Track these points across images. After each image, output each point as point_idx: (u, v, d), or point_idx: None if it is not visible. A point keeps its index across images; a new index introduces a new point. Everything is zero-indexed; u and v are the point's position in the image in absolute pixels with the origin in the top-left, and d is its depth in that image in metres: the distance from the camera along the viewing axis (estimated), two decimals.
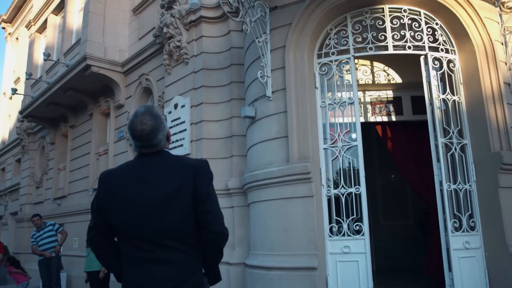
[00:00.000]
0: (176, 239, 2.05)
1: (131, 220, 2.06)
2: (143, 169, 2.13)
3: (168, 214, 2.03)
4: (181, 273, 2.03)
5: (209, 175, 2.17)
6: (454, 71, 6.37)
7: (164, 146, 2.20)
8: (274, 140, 6.19)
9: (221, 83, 7.71)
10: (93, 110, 11.42)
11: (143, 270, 2.03)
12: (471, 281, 5.66)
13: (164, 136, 2.18)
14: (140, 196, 2.06)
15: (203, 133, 7.56)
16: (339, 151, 6.06)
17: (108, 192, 2.14)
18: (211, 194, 2.12)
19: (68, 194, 12.36)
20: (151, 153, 2.16)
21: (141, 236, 2.05)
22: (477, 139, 6.11)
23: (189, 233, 2.08)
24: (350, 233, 5.83)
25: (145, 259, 2.04)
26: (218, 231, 2.08)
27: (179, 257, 2.05)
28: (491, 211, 5.82)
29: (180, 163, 2.17)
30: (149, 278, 2.02)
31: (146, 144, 2.14)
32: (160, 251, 2.03)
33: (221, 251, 2.14)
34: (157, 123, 2.14)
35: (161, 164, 2.14)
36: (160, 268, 2.02)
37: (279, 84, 6.28)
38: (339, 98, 6.22)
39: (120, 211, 2.08)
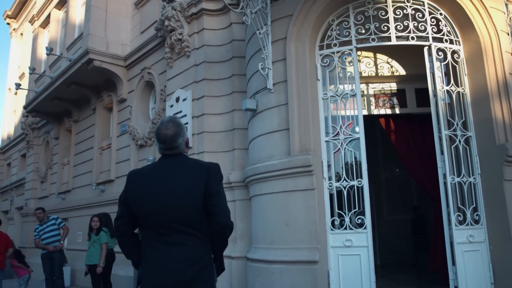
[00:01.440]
0: (190, 226, 2.41)
1: (153, 209, 2.42)
2: (165, 167, 2.54)
3: (183, 205, 2.41)
4: (193, 254, 2.39)
5: (219, 176, 2.55)
6: (459, 62, 6.26)
7: (183, 150, 2.59)
8: (275, 133, 6.12)
9: (222, 76, 7.64)
10: (96, 104, 11.41)
11: (161, 251, 2.40)
12: (475, 275, 5.59)
13: (184, 141, 2.59)
14: (161, 189, 2.45)
15: (205, 127, 7.51)
16: (341, 143, 5.98)
17: (135, 186, 2.54)
18: (220, 191, 2.48)
19: (72, 188, 12.38)
20: (172, 155, 2.56)
21: (160, 222, 2.41)
22: (482, 131, 6.01)
23: (200, 222, 2.43)
24: (352, 226, 5.77)
25: (163, 242, 2.40)
26: (224, 223, 2.43)
27: (191, 241, 2.40)
28: (496, 204, 5.73)
29: (195, 164, 2.56)
30: (166, 257, 2.38)
31: (168, 147, 2.54)
32: (176, 235, 2.40)
33: (226, 241, 2.52)
34: (178, 130, 2.56)
35: (180, 164, 2.54)
36: (176, 249, 2.38)
37: (280, 76, 6.20)
38: (341, 90, 6.14)
39: (143, 201, 2.46)
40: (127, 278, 8.58)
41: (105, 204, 10.21)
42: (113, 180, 10.31)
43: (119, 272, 8.83)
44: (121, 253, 7.65)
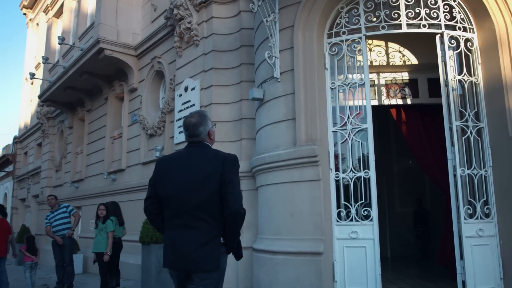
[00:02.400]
0: (204, 211, 2.64)
1: (174, 192, 2.69)
2: (188, 155, 2.79)
3: (200, 191, 2.64)
4: (203, 237, 2.62)
5: (234, 166, 2.74)
6: (472, 50, 6.06)
7: (204, 139, 2.84)
8: (282, 123, 6.05)
9: (231, 65, 7.58)
10: (108, 94, 11.48)
11: (176, 232, 2.69)
12: (484, 269, 5.45)
13: (206, 131, 2.83)
14: (182, 175, 2.71)
15: (213, 116, 7.46)
16: (349, 134, 5.87)
17: (161, 171, 2.82)
18: (234, 180, 2.66)
19: (85, 177, 12.53)
20: (195, 144, 2.82)
21: (179, 206, 2.68)
22: (495, 123, 5.83)
23: (214, 208, 2.64)
24: (358, 218, 5.68)
25: (179, 224, 2.68)
26: (235, 209, 2.61)
27: (203, 226, 2.64)
28: (508, 197, 5.56)
29: (214, 154, 2.78)
30: (179, 239, 2.67)
31: (190, 133, 2.82)
32: (191, 219, 2.65)
33: (237, 226, 2.68)
34: (201, 119, 2.84)
35: (201, 153, 2.77)
36: (188, 232, 2.64)
37: (287, 65, 6.11)
38: (350, 80, 6.01)
39: (166, 185, 2.74)
40: (136, 266, 8.64)
41: (116, 193, 10.31)
42: (124, 170, 10.38)
43: (128, 260, 8.93)
44: (129, 242, 7.70)
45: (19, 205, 20.60)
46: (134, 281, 8.31)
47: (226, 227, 2.66)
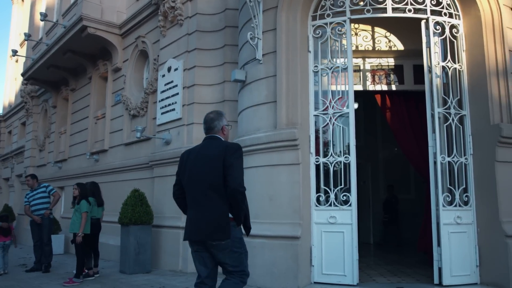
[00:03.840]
0: (213, 191, 3.13)
1: (190, 178, 3.25)
2: (202, 147, 3.34)
3: (209, 175, 3.14)
4: (212, 212, 3.11)
5: (236, 152, 3.17)
6: (457, 37, 6.00)
7: (217, 133, 3.35)
8: (263, 105, 5.96)
9: (214, 46, 7.45)
10: (92, 73, 11.26)
11: (193, 210, 3.23)
12: (460, 257, 5.47)
13: (220, 125, 3.36)
14: (196, 163, 3.25)
15: (195, 98, 7.37)
16: (330, 118, 5.80)
17: (181, 162, 3.40)
18: (233, 164, 3.11)
19: (69, 157, 12.37)
20: (209, 137, 3.35)
21: (194, 188, 3.23)
22: (477, 111, 5.80)
23: (221, 188, 3.11)
24: (337, 203, 5.65)
25: (194, 204, 3.23)
26: (233, 187, 3.05)
27: (213, 203, 3.12)
28: (486, 186, 5.57)
29: (221, 144, 3.26)
30: (195, 215, 3.21)
31: (207, 126, 3.39)
32: (203, 199, 3.16)
33: (237, 202, 3.09)
34: (217, 116, 3.41)
35: (213, 144, 3.28)
36: (202, 209, 3.15)
37: (270, 46, 6.00)
38: (333, 64, 5.92)
39: (185, 174, 3.30)
40: (116, 248, 8.57)
41: (99, 173, 10.19)
42: (107, 150, 10.25)
43: (109, 241, 8.87)
44: (111, 223, 7.58)
45: (3, 184, 20.38)
46: (114, 262, 8.26)
47: (231, 203, 3.11)
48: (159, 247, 7.52)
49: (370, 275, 6.26)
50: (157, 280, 6.39)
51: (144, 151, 8.67)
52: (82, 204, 6.40)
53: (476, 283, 5.48)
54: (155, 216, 7.44)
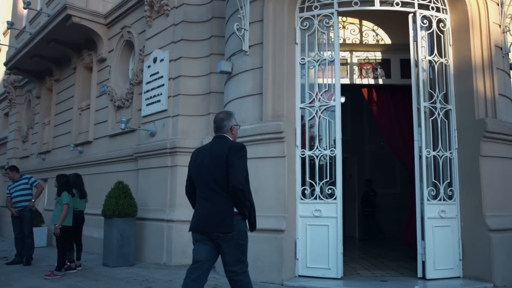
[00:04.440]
0: (219, 187, 3.29)
1: (198, 175, 3.43)
2: (210, 145, 3.50)
3: (215, 172, 3.30)
4: (218, 206, 3.29)
5: (238, 152, 3.32)
6: (444, 31, 6.00)
7: (226, 132, 3.50)
8: (249, 97, 5.90)
9: (201, 37, 7.37)
10: (77, 63, 11.05)
11: (201, 204, 3.41)
12: (444, 250, 5.50)
13: (229, 125, 3.50)
14: (204, 161, 3.39)
15: (181, 89, 7.29)
16: (316, 111, 5.76)
17: (192, 159, 3.54)
18: (235, 163, 3.27)
19: (52, 149, 12.17)
20: (218, 136, 3.50)
21: (202, 185, 3.40)
22: (462, 105, 5.82)
23: (226, 184, 3.26)
24: (323, 196, 5.63)
25: (203, 198, 3.39)
26: (233, 185, 3.23)
27: (219, 198, 3.29)
28: (471, 180, 5.60)
29: (227, 143, 3.39)
30: (202, 209, 3.39)
31: (217, 125, 3.53)
32: (211, 194, 3.33)
33: (238, 199, 3.25)
34: (227, 116, 3.56)
35: (219, 143, 3.43)
36: (209, 203, 3.33)
37: (256, 38, 5.93)
38: (319, 56, 5.88)
39: (194, 171, 3.48)
40: (100, 240, 8.46)
41: (83, 165, 10.05)
42: (91, 142, 10.11)
43: (93, 234, 8.76)
44: (95, 215, 7.45)
45: None
46: (97, 255, 8.15)
47: (232, 199, 3.27)
48: (143, 240, 7.45)
49: (355, 269, 6.27)
50: (140, 273, 6.32)
51: (128, 143, 8.56)
52: (63, 196, 6.29)
53: (459, 277, 5.52)
54: (139, 208, 7.36)
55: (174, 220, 6.99)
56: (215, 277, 5.93)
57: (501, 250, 5.36)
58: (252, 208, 3.46)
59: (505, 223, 5.52)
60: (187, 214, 6.89)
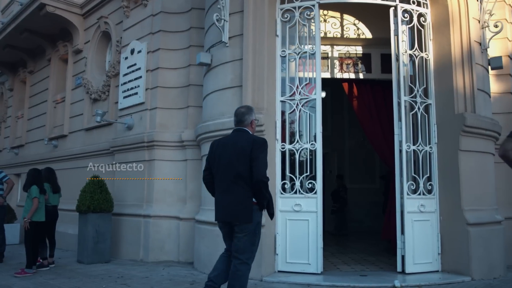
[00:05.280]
0: (240, 179, 3.51)
1: (219, 166, 3.64)
2: (231, 138, 3.72)
3: (237, 164, 3.52)
4: (238, 198, 3.53)
5: (261, 146, 3.57)
6: (425, 26, 5.99)
7: (246, 126, 3.73)
8: (228, 90, 5.79)
9: (180, 29, 7.22)
10: (52, 55, 10.73)
11: (221, 195, 3.66)
12: (423, 244, 5.51)
13: (249, 119, 3.74)
14: (225, 153, 3.62)
15: (159, 81, 7.13)
16: (297, 104, 5.68)
17: (212, 150, 3.79)
18: (259, 156, 3.50)
19: (26, 143, 11.82)
20: (238, 130, 3.73)
21: (222, 176, 3.62)
22: (442, 100, 5.83)
23: (247, 176, 3.49)
24: (303, 191, 5.56)
25: (223, 189, 3.62)
26: (258, 177, 3.46)
27: (239, 189, 3.53)
28: (450, 175, 5.61)
29: (250, 137, 3.63)
30: (222, 200, 3.64)
31: (237, 119, 3.77)
32: (231, 185, 3.55)
33: (260, 190, 3.50)
34: (248, 111, 3.80)
35: (240, 136, 3.66)
36: (229, 194, 3.57)
37: (236, 29, 5.81)
38: (300, 48, 5.79)
39: (215, 162, 3.69)
40: (75, 237, 8.25)
41: (58, 160, 9.77)
42: (66, 136, 9.82)
43: (68, 230, 8.52)
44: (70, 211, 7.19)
45: None
46: (72, 252, 7.92)
47: (254, 192, 3.50)
48: (119, 236, 7.27)
49: (334, 264, 6.24)
50: (116, 270, 6.16)
51: (105, 136, 8.34)
52: (32, 190, 6.07)
53: (437, 271, 5.54)
54: (116, 204, 7.17)
55: (151, 216, 6.84)
56: (193, 273, 5.82)
57: (479, 244, 5.39)
58: (270, 199, 3.69)
59: (482, 217, 5.56)
60: (165, 210, 6.88)
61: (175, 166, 6.90)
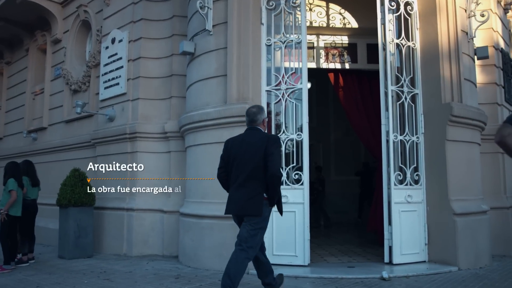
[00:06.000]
0: (253, 175, 3.67)
1: (235, 163, 3.78)
2: (245, 136, 3.90)
3: (251, 161, 3.69)
4: (250, 193, 3.68)
5: (275, 143, 3.78)
6: (412, 15, 5.92)
7: (259, 125, 3.91)
8: (213, 79, 5.65)
9: (162, 17, 7.04)
10: (30, 45, 10.42)
11: (235, 190, 3.79)
12: (410, 235, 5.48)
13: (261, 119, 3.91)
14: (240, 150, 3.79)
15: (141, 71, 6.95)
16: (283, 94, 5.57)
17: (226, 148, 3.95)
18: (273, 152, 3.67)
19: (4, 136, 11.51)
20: (251, 128, 3.90)
21: (237, 171, 3.77)
22: (429, 89, 5.78)
23: (260, 172, 3.66)
24: (289, 182, 5.47)
25: (238, 184, 3.75)
26: (273, 172, 3.62)
27: (252, 185, 3.68)
28: (437, 165, 5.59)
29: (263, 135, 3.85)
30: (235, 194, 3.79)
31: (250, 119, 3.93)
32: (245, 181, 3.70)
33: (274, 185, 3.67)
34: (259, 110, 3.96)
35: (254, 134, 3.84)
36: (241, 189, 3.72)
37: (221, 17, 5.67)
38: (286, 37, 5.67)
39: (230, 158, 3.84)
40: (56, 231, 8.06)
41: (37, 153, 9.50)
42: (46, 128, 9.56)
43: (49, 225, 8.30)
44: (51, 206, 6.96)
45: None
46: (53, 247, 7.72)
47: (268, 186, 3.65)
48: (102, 230, 7.09)
49: (321, 255, 6.18)
50: (98, 265, 6.00)
51: (86, 128, 8.12)
52: (9, 182, 5.86)
53: (424, 261, 5.53)
54: (98, 197, 6.98)
55: (134, 209, 6.68)
56: (178, 267, 5.70)
57: (466, 234, 5.39)
58: (280, 195, 3.85)
59: (469, 207, 5.55)
60: (148, 203, 6.73)
61: (159, 158, 6.74)
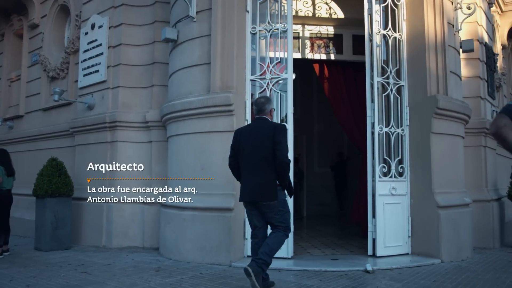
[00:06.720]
0: (264, 162, 3.82)
1: (245, 151, 3.95)
2: (253, 125, 4.13)
3: (261, 149, 3.85)
4: (263, 179, 3.84)
5: (282, 131, 3.93)
6: (399, 5, 5.86)
7: (266, 114, 4.05)
8: (196, 67, 5.50)
9: (144, 3, 6.86)
10: (5, 30, 10.08)
11: (247, 177, 3.96)
12: (394, 228, 5.45)
13: (269, 109, 4.07)
14: (249, 139, 3.94)
15: (122, 59, 6.75)
16: (268, 84, 5.46)
17: (236, 137, 4.08)
18: (281, 141, 3.83)
19: None
20: (259, 118, 4.05)
21: (247, 160, 3.93)
22: (415, 81, 5.74)
23: (270, 159, 3.80)
24: None
25: (249, 172, 3.93)
26: (281, 159, 3.78)
27: (264, 171, 3.83)
28: (421, 157, 5.56)
29: (270, 124, 4.00)
30: (249, 181, 3.94)
31: (258, 109, 4.07)
32: (257, 168, 3.86)
33: (283, 171, 3.84)
34: (267, 101, 4.12)
35: (262, 124, 3.99)
36: (254, 176, 3.88)
37: (205, 3, 5.52)
38: (271, 26, 5.54)
39: (240, 147, 3.99)
40: (33, 223, 7.83)
41: (13, 142, 9.22)
42: (23, 116, 9.28)
43: (25, 216, 8.07)
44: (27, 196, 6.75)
45: None
46: (30, 239, 7.49)
47: (277, 172, 3.82)
48: (80, 221, 6.90)
49: (304, 248, 6.13)
50: (76, 257, 5.83)
51: (64, 117, 7.88)
52: None
53: (407, 253, 5.52)
54: (76, 188, 6.78)
55: (114, 200, 6.49)
56: (158, 259, 5.58)
57: (449, 227, 5.40)
58: (290, 179, 4.05)
59: (452, 199, 5.56)
60: (129, 194, 6.55)
61: (139, 148, 6.57)
